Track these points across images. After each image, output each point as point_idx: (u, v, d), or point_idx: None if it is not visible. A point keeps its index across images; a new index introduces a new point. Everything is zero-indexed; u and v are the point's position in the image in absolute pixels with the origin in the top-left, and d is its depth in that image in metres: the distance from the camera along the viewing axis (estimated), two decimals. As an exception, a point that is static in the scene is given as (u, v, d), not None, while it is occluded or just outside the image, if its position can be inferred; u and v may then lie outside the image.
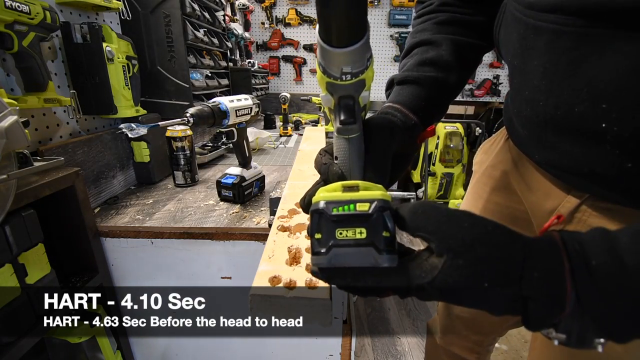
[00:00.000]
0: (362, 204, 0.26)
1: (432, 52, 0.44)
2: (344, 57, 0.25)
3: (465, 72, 0.47)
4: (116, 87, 0.82)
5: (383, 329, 1.69)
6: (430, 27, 0.48)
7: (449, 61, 0.44)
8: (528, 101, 0.39)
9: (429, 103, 0.42)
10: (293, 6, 2.76)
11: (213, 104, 0.80)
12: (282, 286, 0.35)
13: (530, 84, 0.37)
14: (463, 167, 2.79)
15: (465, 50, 0.46)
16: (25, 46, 0.62)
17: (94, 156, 0.83)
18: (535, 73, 0.36)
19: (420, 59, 0.45)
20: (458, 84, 0.46)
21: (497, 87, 2.87)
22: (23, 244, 0.54)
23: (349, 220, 0.26)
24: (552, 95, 0.35)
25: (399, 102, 0.41)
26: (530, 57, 0.37)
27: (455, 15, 0.47)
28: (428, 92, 0.42)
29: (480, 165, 0.63)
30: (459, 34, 0.46)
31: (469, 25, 0.47)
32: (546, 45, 0.34)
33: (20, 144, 0.47)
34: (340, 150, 0.32)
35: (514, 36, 0.39)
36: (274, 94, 2.69)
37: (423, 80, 0.43)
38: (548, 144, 0.39)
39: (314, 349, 0.85)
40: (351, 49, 0.25)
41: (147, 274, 0.78)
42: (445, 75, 0.43)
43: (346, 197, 0.27)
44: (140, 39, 1.04)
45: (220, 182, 0.87)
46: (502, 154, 0.56)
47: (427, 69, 0.44)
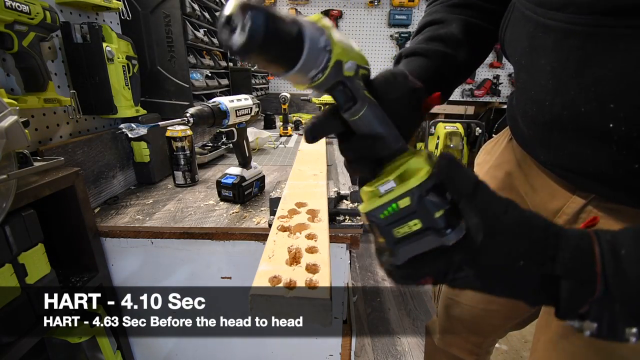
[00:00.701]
0: (403, 200, 0.26)
1: (443, 30, 0.44)
2: (299, 74, 0.25)
3: (476, 53, 0.47)
4: (116, 87, 0.82)
5: (383, 329, 1.69)
6: (442, 9, 0.48)
7: (459, 39, 0.44)
8: (534, 101, 0.38)
9: (436, 74, 0.41)
10: (293, 6, 2.76)
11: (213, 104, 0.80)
12: (282, 286, 0.35)
13: (537, 83, 0.37)
14: (463, 167, 2.78)
15: (476, 31, 0.46)
16: (25, 46, 0.62)
17: (94, 156, 0.83)
18: (543, 72, 0.36)
19: (429, 35, 0.45)
20: (468, 64, 0.45)
21: (497, 87, 2.87)
22: (23, 244, 0.54)
23: (398, 219, 0.26)
24: (559, 95, 0.34)
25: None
26: (538, 56, 0.36)
27: (467, 0, 0.47)
28: (436, 65, 0.42)
29: (482, 166, 0.62)
30: (471, 16, 0.46)
31: (482, 10, 0.47)
32: (554, 44, 0.34)
33: (20, 144, 0.47)
34: (362, 129, 0.30)
35: (522, 34, 0.39)
36: (274, 94, 2.70)
37: (431, 54, 0.42)
38: (554, 144, 0.39)
39: (314, 349, 0.85)
40: (298, 67, 0.24)
41: (147, 273, 0.78)
42: (454, 52, 0.43)
43: (385, 200, 0.27)
44: (140, 39, 1.04)
45: (220, 182, 0.87)
46: (506, 155, 0.56)
47: (436, 44, 0.43)
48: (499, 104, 2.91)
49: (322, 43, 0.24)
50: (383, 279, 2.11)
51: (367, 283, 2.06)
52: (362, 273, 2.16)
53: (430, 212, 0.25)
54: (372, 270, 2.19)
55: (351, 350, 0.89)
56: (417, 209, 0.26)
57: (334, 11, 2.74)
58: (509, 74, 2.86)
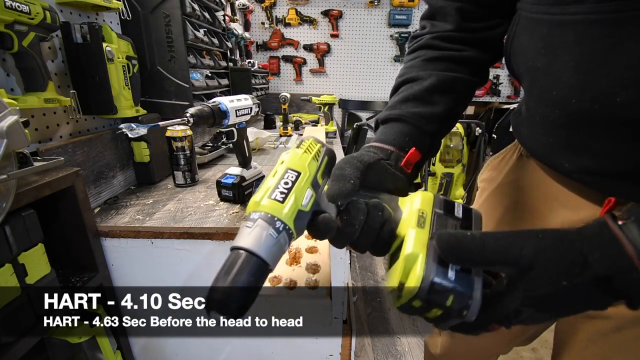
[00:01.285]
0: (415, 302, 0.27)
1: (417, 87, 0.44)
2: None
3: (454, 104, 0.45)
4: (116, 87, 0.82)
5: (383, 329, 1.69)
6: (418, 64, 0.47)
7: (433, 95, 0.43)
8: (556, 102, 0.37)
9: (413, 137, 0.41)
10: (293, 6, 2.76)
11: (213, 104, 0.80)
12: (282, 286, 0.34)
13: (559, 83, 0.36)
14: (463, 167, 2.79)
15: (452, 84, 0.45)
16: (25, 46, 0.62)
17: (94, 156, 0.83)
18: (565, 69, 0.34)
19: (404, 95, 0.44)
20: (447, 117, 0.44)
21: (497, 87, 2.87)
22: (23, 244, 0.54)
23: (422, 311, 0.28)
24: (588, 89, 0.33)
25: (379, 141, 0.41)
26: (557, 55, 0.35)
27: (444, 53, 0.46)
28: (411, 127, 0.42)
29: (488, 183, 0.59)
30: (447, 69, 0.45)
31: (459, 61, 0.46)
32: (576, 38, 0.33)
33: (20, 144, 0.47)
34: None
35: (535, 39, 0.38)
36: (274, 94, 2.69)
37: (405, 116, 0.42)
38: (581, 146, 0.37)
39: (314, 349, 0.85)
40: (272, 267, 0.27)
41: (147, 274, 0.78)
42: (429, 109, 0.42)
43: (403, 302, 0.28)
44: (140, 39, 1.04)
45: (220, 182, 0.87)
46: (517, 171, 0.53)
47: (410, 104, 0.43)
48: (499, 104, 2.91)
49: (273, 238, 0.27)
50: (383, 279, 2.11)
51: (367, 283, 2.06)
52: (362, 273, 2.16)
53: (441, 304, 0.26)
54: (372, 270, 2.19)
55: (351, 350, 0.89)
56: (427, 306, 0.27)
57: (334, 11, 2.74)
58: (508, 74, 2.86)
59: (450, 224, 0.30)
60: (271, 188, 0.29)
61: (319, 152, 0.33)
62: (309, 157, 0.32)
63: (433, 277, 0.26)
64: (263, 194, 0.29)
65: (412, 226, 0.29)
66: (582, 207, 0.41)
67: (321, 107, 1.89)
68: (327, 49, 2.86)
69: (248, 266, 0.26)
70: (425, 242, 0.28)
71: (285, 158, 0.32)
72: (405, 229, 0.30)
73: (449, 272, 0.26)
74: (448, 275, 0.26)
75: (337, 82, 2.97)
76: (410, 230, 0.29)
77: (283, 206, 0.28)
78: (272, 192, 0.29)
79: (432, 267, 0.26)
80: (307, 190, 0.30)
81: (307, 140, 0.34)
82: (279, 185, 0.30)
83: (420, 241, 0.28)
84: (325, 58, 2.91)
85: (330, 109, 1.89)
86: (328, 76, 2.96)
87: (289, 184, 0.30)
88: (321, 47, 2.84)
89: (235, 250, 0.27)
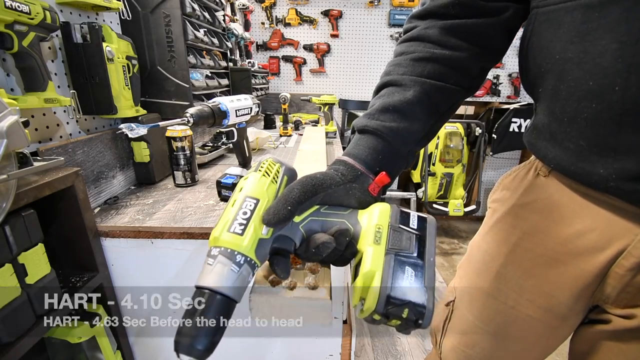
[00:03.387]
0: (375, 316, 0.29)
1: (398, 96, 0.41)
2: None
3: (435, 120, 0.43)
4: (116, 87, 0.82)
5: (383, 329, 1.69)
6: (405, 63, 0.43)
7: (415, 108, 0.41)
8: (594, 94, 0.33)
9: (386, 156, 0.39)
10: (293, 6, 2.76)
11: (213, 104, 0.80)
12: (282, 286, 0.35)
13: (598, 70, 0.32)
14: (463, 167, 2.79)
15: (436, 96, 0.42)
16: (25, 46, 0.62)
17: (94, 156, 0.83)
18: (606, 54, 0.31)
19: (384, 103, 0.41)
20: (425, 135, 0.43)
21: (497, 87, 2.87)
22: (23, 244, 0.54)
23: (377, 321, 0.30)
24: (635, 73, 0.29)
25: (351, 155, 0.39)
26: (595, 39, 0.32)
27: (435, 52, 0.42)
28: (386, 145, 0.40)
29: (502, 204, 0.54)
30: (435, 75, 0.42)
31: (449, 63, 0.42)
32: (620, 16, 0.30)
33: (20, 144, 0.47)
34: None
35: (564, 30, 0.35)
36: (274, 94, 2.69)
37: (382, 132, 0.40)
38: (623, 146, 0.33)
39: (314, 349, 0.85)
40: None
41: (147, 274, 0.78)
42: (408, 125, 0.40)
43: (366, 315, 0.30)
44: (140, 39, 1.04)
45: (220, 182, 0.87)
46: (535, 192, 0.48)
47: (388, 116, 0.40)
48: (499, 104, 2.91)
49: (235, 273, 0.28)
50: (383, 279, 2.10)
51: (367, 283, 2.06)
52: (362, 273, 2.16)
53: (398, 316, 0.28)
54: (372, 270, 2.18)
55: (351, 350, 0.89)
56: (386, 319, 0.28)
57: (334, 11, 2.74)
58: (509, 73, 2.86)
59: (405, 237, 0.31)
60: (230, 220, 0.30)
61: (277, 173, 0.33)
62: (267, 181, 0.32)
63: (389, 292, 0.28)
64: (222, 227, 0.30)
65: (369, 243, 0.30)
66: (618, 229, 0.37)
67: (321, 107, 1.89)
68: (327, 49, 2.86)
69: (212, 305, 0.27)
70: (381, 259, 0.29)
71: (243, 184, 0.32)
72: (364, 245, 0.31)
73: (401, 286, 0.28)
74: (403, 290, 0.28)
75: (337, 82, 2.97)
76: (368, 248, 0.30)
77: (242, 239, 0.29)
78: (231, 224, 0.29)
79: (388, 284, 0.28)
80: None
81: (266, 161, 0.34)
82: (237, 216, 0.30)
83: (376, 258, 0.29)
84: (325, 58, 2.90)
85: (330, 109, 1.89)
86: (328, 76, 2.96)
87: (247, 213, 0.30)
88: (321, 47, 2.84)
89: (198, 290, 0.28)
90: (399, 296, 0.27)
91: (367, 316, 0.29)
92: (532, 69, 0.43)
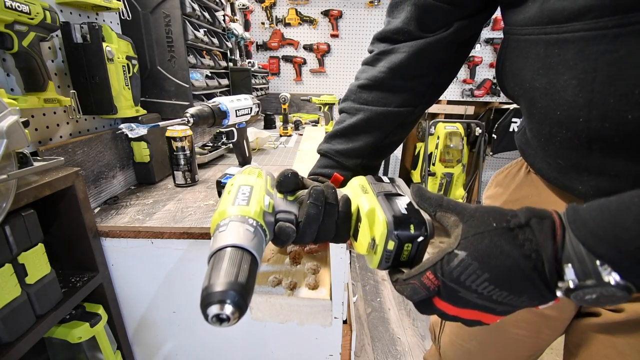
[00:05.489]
0: (389, 244, 0.31)
1: (343, 125, 0.50)
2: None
3: (381, 138, 0.50)
4: (116, 87, 0.82)
5: (383, 329, 1.69)
6: (354, 89, 0.51)
7: (358, 132, 0.49)
8: (562, 122, 0.35)
9: (335, 169, 0.49)
10: (293, 6, 2.76)
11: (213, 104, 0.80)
12: (282, 287, 0.35)
13: (563, 102, 0.34)
14: (463, 167, 2.79)
15: (378, 120, 0.49)
16: (25, 46, 0.62)
17: (94, 156, 0.83)
18: (568, 88, 0.33)
19: (334, 130, 0.51)
20: (371, 149, 0.50)
21: (497, 87, 2.87)
22: (23, 244, 0.54)
23: (392, 259, 0.32)
24: (595, 107, 0.31)
25: (312, 173, 0.49)
26: (558, 74, 0.34)
27: (377, 78, 0.49)
28: (334, 162, 0.49)
29: (495, 200, 0.57)
30: (376, 102, 0.49)
31: (392, 89, 0.49)
32: (577, 56, 0.32)
33: (20, 144, 0.47)
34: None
35: (530, 59, 0.37)
36: (274, 94, 2.69)
37: (329, 154, 0.50)
38: (594, 168, 0.35)
39: (314, 349, 0.85)
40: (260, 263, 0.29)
41: (147, 274, 0.78)
42: (350, 146, 0.49)
43: (380, 251, 0.32)
44: (140, 39, 1.04)
45: (220, 182, 0.87)
46: (526, 188, 0.51)
47: (336, 141, 0.50)
48: (499, 104, 2.91)
49: (251, 232, 0.28)
50: (383, 279, 2.11)
51: (367, 283, 2.06)
52: (362, 273, 2.16)
53: (407, 235, 0.31)
54: (372, 270, 2.18)
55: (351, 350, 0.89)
56: (399, 242, 0.31)
57: (334, 11, 2.74)
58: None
59: (385, 185, 0.37)
60: (232, 199, 0.32)
61: (260, 174, 0.38)
62: (254, 177, 0.37)
63: (393, 214, 0.31)
64: (225, 204, 0.31)
65: (359, 195, 0.36)
66: None
67: (321, 107, 1.89)
68: (327, 49, 2.86)
69: (237, 258, 0.25)
70: (375, 200, 0.34)
71: (234, 181, 0.36)
72: (356, 200, 0.36)
73: (400, 210, 0.32)
74: (401, 212, 0.32)
75: (337, 82, 2.97)
76: (361, 197, 0.35)
77: (249, 207, 0.30)
78: (234, 200, 0.31)
79: (389, 211, 0.32)
80: (265, 197, 0.34)
81: (248, 168, 0.40)
82: (237, 196, 0.32)
83: (371, 199, 0.34)
84: (325, 58, 2.90)
85: (330, 109, 1.89)
86: (328, 76, 2.96)
87: (246, 193, 0.33)
88: (321, 47, 2.84)
89: (216, 253, 0.25)
90: (401, 215, 0.31)
91: (381, 252, 0.31)
92: (508, 90, 0.46)
